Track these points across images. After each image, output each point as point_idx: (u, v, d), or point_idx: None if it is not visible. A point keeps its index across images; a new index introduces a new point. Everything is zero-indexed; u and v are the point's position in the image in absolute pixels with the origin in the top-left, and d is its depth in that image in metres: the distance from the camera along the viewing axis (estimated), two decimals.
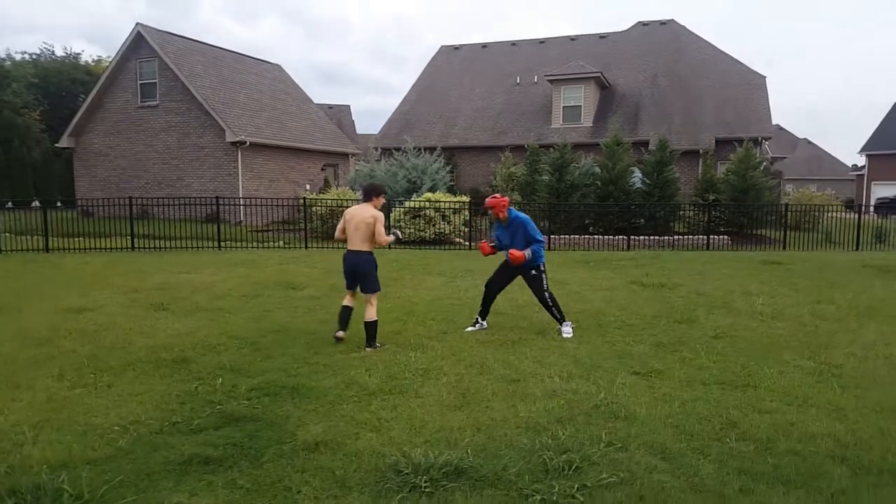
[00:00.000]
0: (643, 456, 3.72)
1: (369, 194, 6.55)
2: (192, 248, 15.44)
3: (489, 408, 4.54)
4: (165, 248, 15.46)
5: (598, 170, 19.21)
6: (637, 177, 19.26)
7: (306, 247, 16.34)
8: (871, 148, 42.64)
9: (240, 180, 22.92)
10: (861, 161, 45.09)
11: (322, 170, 27.81)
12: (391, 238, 6.62)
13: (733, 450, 3.81)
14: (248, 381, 5.15)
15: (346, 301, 6.63)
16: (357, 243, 6.41)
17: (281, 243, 17.19)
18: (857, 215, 16.77)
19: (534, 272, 7.02)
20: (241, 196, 22.09)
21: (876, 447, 3.81)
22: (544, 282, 7.06)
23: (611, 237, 17.04)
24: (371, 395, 4.84)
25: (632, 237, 16.77)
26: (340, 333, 6.48)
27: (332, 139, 28.76)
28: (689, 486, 3.35)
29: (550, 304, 7.04)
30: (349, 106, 56.50)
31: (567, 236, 17.08)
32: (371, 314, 6.34)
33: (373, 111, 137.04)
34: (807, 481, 3.40)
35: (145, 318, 7.58)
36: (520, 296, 8.92)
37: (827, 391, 4.94)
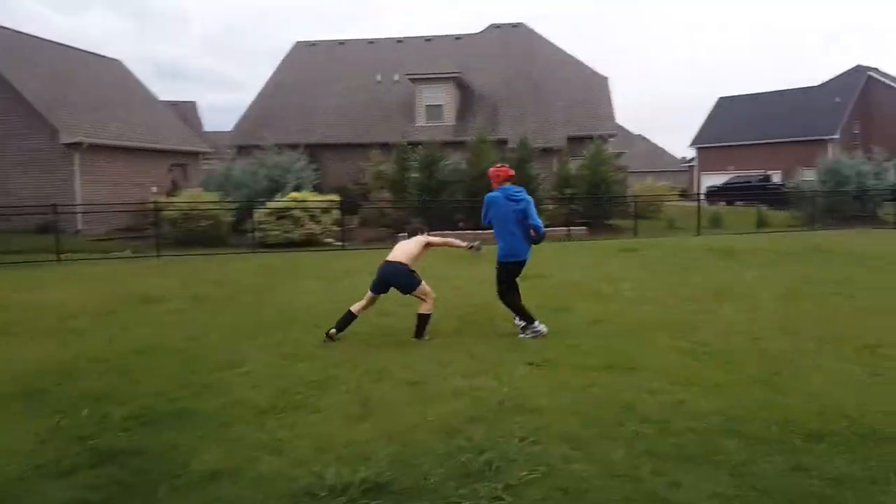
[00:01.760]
0: (557, 447, 3.75)
1: (413, 234, 6.94)
2: (27, 263, 13.72)
3: (396, 414, 4.39)
4: None
5: (465, 167, 19.60)
6: None
7: (158, 255, 15.16)
8: (699, 142, 47.47)
9: (77, 185, 20.74)
10: (691, 154, 49.94)
11: (169, 170, 25.93)
12: (463, 244, 6.97)
13: (636, 433, 3.95)
14: (119, 409, 4.59)
15: (355, 307, 6.56)
16: (397, 255, 6.52)
17: (129, 252, 15.83)
18: (696, 203, 18.46)
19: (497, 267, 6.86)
20: (78, 202, 20.03)
21: (759, 418, 4.11)
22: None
23: (481, 231, 17.40)
24: (263, 414, 4.50)
25: None
26: (332, 331, 6.40)
27: (180, 138, 26.94)
28: (606, 473, 3.41)
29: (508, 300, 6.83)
30: (195, 102, 53.18)
31: (440, 232, 17.25)
32: (425, 308, 6.45)
33: (219, 108, 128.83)
34: (708, 457, 3.59)
35: None
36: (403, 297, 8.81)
37: (704, 369, 5.30)
